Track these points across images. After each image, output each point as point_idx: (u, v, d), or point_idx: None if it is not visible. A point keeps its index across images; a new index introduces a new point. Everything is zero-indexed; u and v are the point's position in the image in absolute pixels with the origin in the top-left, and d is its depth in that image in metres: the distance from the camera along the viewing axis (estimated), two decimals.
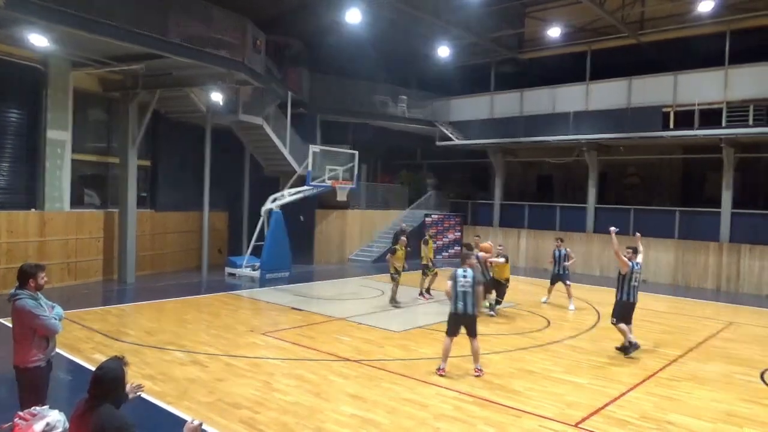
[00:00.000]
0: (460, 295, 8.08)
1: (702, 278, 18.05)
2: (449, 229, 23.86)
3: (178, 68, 14.40)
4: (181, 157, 18.17)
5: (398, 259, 13.23)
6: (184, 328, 10.45)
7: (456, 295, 8.11)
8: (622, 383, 7.98)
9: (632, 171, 24.49)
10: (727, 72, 17.15)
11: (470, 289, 8.04)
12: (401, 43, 22.33)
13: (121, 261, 15.59)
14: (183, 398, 6.86)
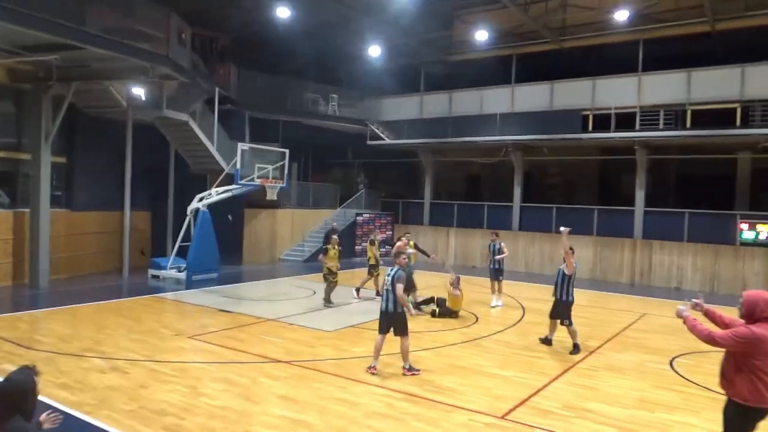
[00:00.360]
0: (385, 293, 8.18)
1: (618, 273, 19.10)
2: (380, 227, 23.98)
3: (96, 60, 13.67)
4: (100, 153, 17.25)
5: (331, 258, 13.14)
6: (103, 333, 9.93)
7: (384, 294, 8.22)
8: (545, 375, 8.31)
9: (554, 171, 25.57)
10: (640, 78, 18.23)
11: (391, 287, 8.09)
12: (332, 41, 22.24)
13: (32, 264, 14.60)
14: (102, 407, 6.52)
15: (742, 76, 16.65)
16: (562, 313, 9.72)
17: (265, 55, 22.62)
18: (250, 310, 12.30)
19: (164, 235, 18.99)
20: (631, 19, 17.76)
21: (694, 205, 18.76)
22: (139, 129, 17.06)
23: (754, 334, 4.30)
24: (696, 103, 17.29)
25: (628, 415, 6.82)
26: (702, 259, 17.78)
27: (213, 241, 16.44)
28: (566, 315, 9.68)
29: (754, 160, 19.71)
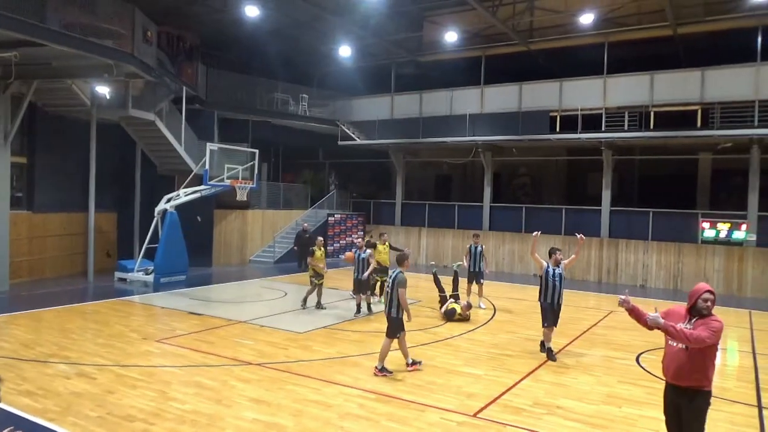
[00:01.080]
0: (386, 296, 8.39)
1: (585, 271, 19.47)
2: (352, 228, 23.98)
3: (58, 58, 13.28)
4: (63, 153, 16.79)
5: (318, 260, 12.80)
6: (67, 338, 9.67)
7: (386, 296, 8.43)
8: (516, 372, 8.42)
9: (523, 171, 25.96)
10: (605, 81, 18.63)
11: (391, 290, 8.23)
12: (302, 40, 22.13)
13: None
14: (67, 414, 6.35)
15: (702, 79, 17.16)
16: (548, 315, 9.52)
17: (234, 54, 22.38)
18: (220, 313, 12.13)
19: (131, 237, 18.60)
20: (596, 22, 18.15)
21: (658, 204, 19.25)
22: (104, 128, 16.67)
23: (722, 323, 4.64)
24: (659, 105, 17.75)
25: (597, 411, 6.96)
26: (666, 257, 18.26)
27: (181, 242, 16.18)
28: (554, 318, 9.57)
29: (714, 161, 20.36)
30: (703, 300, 4.70)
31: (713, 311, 4.72)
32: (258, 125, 22.29)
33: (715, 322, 4.62)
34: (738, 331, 12.25)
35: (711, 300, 4.72)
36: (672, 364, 4.81)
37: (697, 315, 4.73)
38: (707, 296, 4.71)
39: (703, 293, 4.71)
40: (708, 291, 4.73)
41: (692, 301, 4.76)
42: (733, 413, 7.04)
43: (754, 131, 16.36)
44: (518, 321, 12.35)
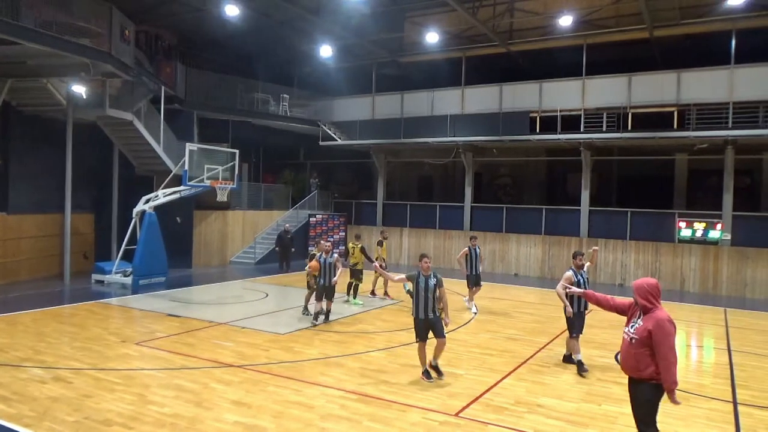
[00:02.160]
0: (424, 299, 7.89)
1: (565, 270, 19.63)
2: (334, 228, 23.92)
3: (33, 56, 13.05)
4: (38, 153, 16.48)
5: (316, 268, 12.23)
6: (43, 342, 9.49)
7: (422, 300, 7.89)
8: (497, 372, 8.47)
9: (504, 172, 26.15)
10: (584, 82, 18.85)
11: (433, 294, 7.89)
12: (282, 40, 22.03)
13: None
14: (44, 419, 6.23)
15: (678, 81, 17.47)
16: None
17: (214, 53, 22.18)
18: (201, 314, 12.01)
19: (108, 239, 18.32)
20: (575, 24, 18.37)
21: (635, 204, 19.54)
22: (81, 128, 16.41)
23: (674, 327, 4.85)
24: (636, 106, 18.02)
25: (577, 409, 7.03)
26: (643, 256, 18.54)
27: (160, 243, 15.99)
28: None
29: (690, 161, 20.73)
30: (640, 297, 4.95)
31: (659, 305, 4.93)
32: (238, 125, 22.13)
33: (668, 324, 4.80)
34: (714, 329, 12.49)
35: (644, 296, 4.94)
36: (621, 355, 5.16)
37: (641, 310, 4.99)
38: (640, 293, 4.97)
39: (635, 290, 4.99)
40: (638, 287, 4.98)
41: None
42: (710, 410, 7.17)
43: (728, 132, 16.70)
44: (499, 321, 12.43)
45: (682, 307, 15.07)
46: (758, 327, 12.73)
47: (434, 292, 7.88)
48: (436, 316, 7.88)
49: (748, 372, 8.94)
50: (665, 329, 4.78)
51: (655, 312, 4.87)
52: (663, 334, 4.77)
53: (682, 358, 10.40)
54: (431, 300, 7.84)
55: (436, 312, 7.89)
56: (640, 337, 4.90)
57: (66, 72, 14.02)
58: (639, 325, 4.94)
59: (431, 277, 7.91)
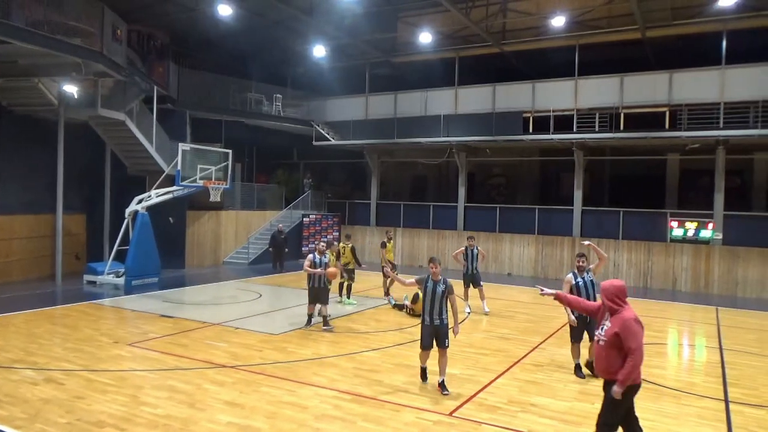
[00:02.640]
0: (431, 306, 7.61)
1: (558, 270, 19.74)
2: (327, 228, 23.90)
3: (24, 56, 12.97)
4: (29, 153, 16.37)
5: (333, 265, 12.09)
6: (35, 343, 9.42)
7: (430, 307, 7.61)
8: (491, 371, 8.49)
9: (497, 172, 26.22)
10: (576, 82, 18.92)
11: (444, 300, 7.62)
12: (276, 40, 21.99)
13: None
14: (35, 421, 6.19)
15: (670, 82, 17.56)
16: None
17: (206, 53, 22.10)
18: (194, 315, 11.97)
19: (101, 239, 18.23)
20: (567, 25, 18.42)
21: (628, 204, 19.64)
22: (73, 128, 16.31)
23: (641, 328, 4.98)
24: (628, 106, 18.10)
25: (570, 408, 7.06)
26: (636, 255, 18.63)
27: (153, 244, 15.91)
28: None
29: (682, 161, 20.86)
30: (607, 298, 5.05)
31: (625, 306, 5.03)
32: (231, 125, 22.07)
33: (636, 326, 4.91)
34: (705, 328, 12.57)
35: (610, 297, 5.03)
36: (595, 358, 5.26)
37: (608, 311, 5.09)
38: (606, 294, 5.06)
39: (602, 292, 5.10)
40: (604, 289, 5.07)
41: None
42: (702, 408, 7.22)
43: (719, 132, 16.81)
44: (493, 320, 12.47)
45: (674, 306, 15.16)
46: (749, 326, 12.82)
47: (442, 298, 7.57)
48: (443, 323, 7.57)
49: (740, 370, 9.01)
50: (632, 329, 4.85)
51: (621, 313, 4.95)
52: (630, 334, 4.85)
53: (675, 357, 10.47)
54: (437, 305, 7.55)
55: (444, 319, 7.57)
56: (609, 338, 4.98)
57: (57, 71, 13.94)
58: (607, 327, 5.02)
59: (440, 283, 7.60)
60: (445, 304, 7.58)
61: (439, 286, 7.59)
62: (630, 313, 4.93)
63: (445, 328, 7.57)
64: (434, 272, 7.64)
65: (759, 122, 16.25)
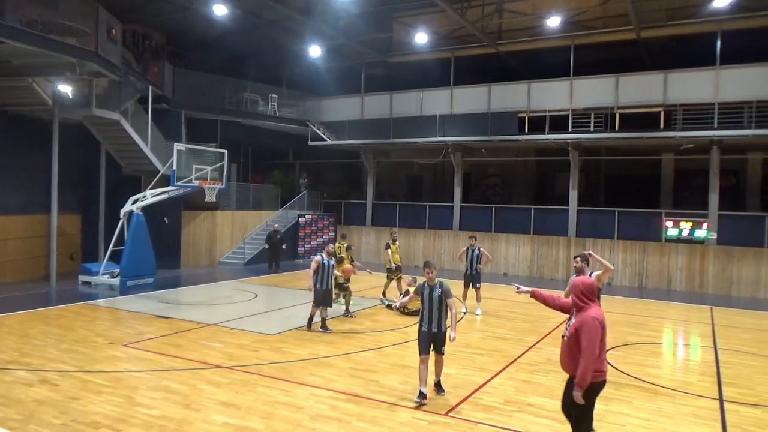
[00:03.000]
0: (429, 311, 7.24)
1: (554, 270, 19.79)
2: (323, 229, 23.89)
3: (18, 56, 12.91)
4: (24, 154, 16.29)
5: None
6: (29, 344, 9.38)
7: (428, 311, 7.25)
8: (487, 371, 8.50)
9: (493, 172, 26.24)
10: (572, 82, 18.96)
11: (442, 304, 7.23)
12: (271, 40, 21.96)
13: None
14: (30, 422, 6.16)
15: (665, 82, 17.62)
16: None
17: (202, 53, 22.06)
18: (189, 316, 11.93)
19: (95, 239, 18.16)
20: (563, 25, 18.47)
21: (623, 204, 19.69)
22: (67, 128, 16.25)
23: (602, 325, 5.00)
24: (623, 106, 18.16)
25: None
26: (631, 255, 18.68)
27: (148, 244, 15.86)
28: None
29: (676, 161, 20.94)
30: (574, 295, 5.14)
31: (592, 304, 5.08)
32: (227, 125, 22.02)
33: (594, 322, 4.93)
34: (700, 327, 12.61)
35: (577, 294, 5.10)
36: (560, 352, 5.30)
37: (575, 308, 5.17)
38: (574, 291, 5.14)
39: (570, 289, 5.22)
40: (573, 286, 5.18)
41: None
42: (697, 407, 7.24)
43: (713, 132, 16.88)
44: (489, 320, 12.48)
45: (669, 306, 15.21)
46: (744, 325, 12.88)
47: (440, 303, 7.21)
48: (441, 330, 7.21)
49: (735, 369, 9.04)
50: (589, 326, 4.88)
51: (586, 310, 4.99)
52: (585, 332, 4.87)
53: (670, 357, 10.50)
54: (436, 312, 7.18)
55: (442, 326, 7.22)
56: (570, 334, 5.04)
57: (52, 71, 13.88)
58: (571, 323, 5.09)
59: (436, 288, 7.26)
60: (444, 309, 7.24)
61: (436, 290, 7.26)
62: (594, 312, 4.95)
63: (443, 335, 7.26)
64: (429, 277, 7.33)
65: (753, 122, 16.33)
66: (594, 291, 5.04)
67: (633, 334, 11.42)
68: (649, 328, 12.19)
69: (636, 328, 11.98)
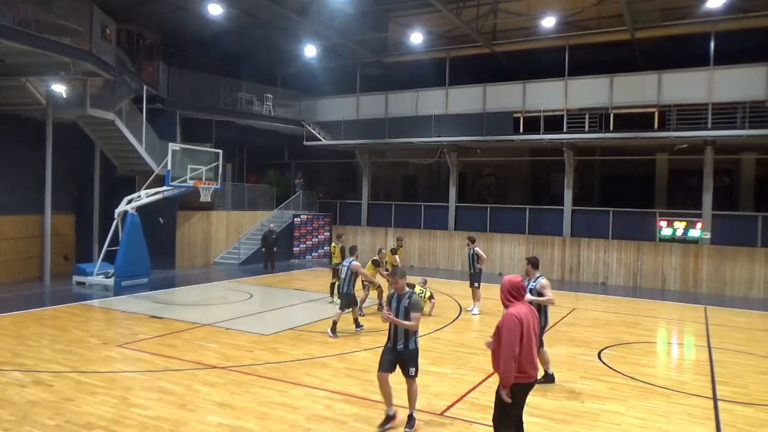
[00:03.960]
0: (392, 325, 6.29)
1: (549, 269, 19.81)
2: (319, 229, 23.87)
3: (11, 55, 12.83)
4: (17, 153, 16.22)
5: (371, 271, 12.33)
6: (23, 345, 9.34)
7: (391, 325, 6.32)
8: (482, 371, 8.50)
9: (488, 172, 26.29)
10: (567, 83, 19.01)
11: (403, 315, 6.20)
12: (266, 40, 21.93)
13: None
14: (23, 423, 6.13)
15: (659, 82, 17.69)
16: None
17: (197, 52, 22.01)
18: (184, 316, 11.91)
19: (90, 240, 18.07)
20: (558, 26, 18.53)
21: (617, 203, 19.76)
22: (61, 128, 16.16)
23: (517, 325, 4.82)
24: (618, 106, 18.21)
25: (560, 406, 7.09)
26: (626, 255, 18.74)
27: (143, 244, 15.81)
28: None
29: (670, 161, 21.02)
30: (501, 294, 5.06)
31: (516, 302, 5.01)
32: (222, 125, 21.97)
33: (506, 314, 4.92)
34: (694, 326, 12.66)
35: (503, 293, 5.06)
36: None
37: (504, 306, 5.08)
38: (501, 290, 5.07)
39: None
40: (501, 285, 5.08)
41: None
42: (691, 406, 7.28)
43: (707, 133, 16.96)
44: (484, 320, 12.50)
45: (663, 305, 15.27)
46: (737, 324, 12.94)
47: (405, 317, 6.15)
48: (408, 348, 6.21)
49: (728, 368, 9.09)
50: (507, 323, 4.81)
51: (509, 308, 4.93)
52: (503, 328, 4.82)
53: (664, 356, 10.55)
54: (401, 327, 6.17)
55: (410, 344, 6.22)
56: (495, 333, 4.98)
57: (45, 71, 13.81)
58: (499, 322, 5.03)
59: (404, 298, 6.24)
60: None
61: (403, 301, 6.22)
62: (515, 309, 4.86)
63: (411, 354, 6.22)
64: (397, 286, 6.38)
65: (746, 123, 16.41)
66: (521, 290, 4.93)
67: (627, 333, 11.47)
68: (644, 328, 12.24)
69: (630, 328, 12.03)
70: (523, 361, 4.83)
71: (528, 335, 4.85)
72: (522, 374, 4.85)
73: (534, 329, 4.96)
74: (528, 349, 4.85)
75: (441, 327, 11.55)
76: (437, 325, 11.72)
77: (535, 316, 5.04)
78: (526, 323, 4.85)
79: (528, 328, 4.85)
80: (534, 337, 4.94)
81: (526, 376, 4.89)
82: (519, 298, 4.96)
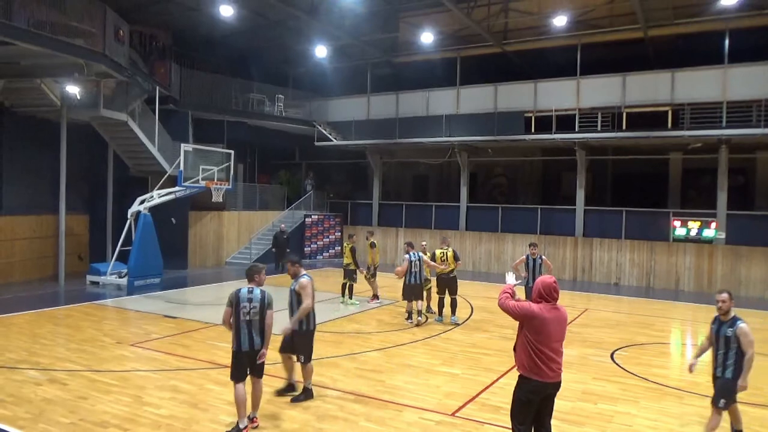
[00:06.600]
0: (248, 325, 6.01)
1: (561, 270, 19.70)
2: (329, 229, 23.92)
3: (26, 57, 12.99)
4: (32, 154, 16.42)
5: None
6: (38, 343, 9.45)
7: (245, 325, 6.04)
8: (493, 371, 8.48)
9: (499, 171, 26.19)
10: (579, 82, 18.89)
11: (257, 316, 6.01)
12: (277, 41, 22.01)
13: None
14: (39, 421, 6.20)
15: (672, 81, 17.52)
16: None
17: (208, 53, 22.15)
18: (197, 316, 11.99)
19: (103, 240, 18.26)
20: (569, 24, 18.40)
21: (630, 203, 19.60)
22: (75, 129, 16.35)
23: (531, 308, 4.84)
24: (630, 106, 18.07)
25: (572, 408, 7.05)
26: (639, 255, 18.59)
27: (155, 244, 15.93)
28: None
29: (684, 160, 20.81)
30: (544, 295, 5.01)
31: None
32: (233, 126, 22.08)
33: (525, 302, 4.99)
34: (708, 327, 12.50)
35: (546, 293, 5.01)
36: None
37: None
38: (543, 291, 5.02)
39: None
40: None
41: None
42: (704, 407, 7.19)
43: (722, 132, 16.77)
44: (495, 320, 12.44)
45: (676, 306, 15.13)
46: (752, 325, 12.67)
47: (260, 313, 5.99)
48: (256, 349, 6.00)
49: None
50: (524, 303, 4.99)
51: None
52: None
53: (678, 357, 10.45)
54: (256, 324, 5.99)
55: (263, 342, 6.02)
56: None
57: (60, 72, 13.96)
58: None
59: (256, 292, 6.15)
60: (262, 321, 6.07)
61: (255, 293, 6.14)
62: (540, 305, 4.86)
63: (260, 355, 6.04)
64: (257, 281, 6.28)
65: (762, 121, 16.21)
66: (552, 291, 4.87)
67: (641, 334, 11.38)
68: (657, 329, 12.14)
69: (644, 328, 11.93)
70: (540, 357, 4.76)
71: (547, 332, 4.78)
72: (536, 371, 4.78)
73: (559, 332, 4.87)
74: (546, 346, 4.77)
75: (453, 327, 11.53)
76: (449, 326, 11.70)
77: (564, 320, 4.96)
78: (549, 320, 4.78)
79: (549, 325, 4.78)
80: (555, 339, 4.84)
81: (541, 373, 4.78)
82: (548, 300, 4.86)
